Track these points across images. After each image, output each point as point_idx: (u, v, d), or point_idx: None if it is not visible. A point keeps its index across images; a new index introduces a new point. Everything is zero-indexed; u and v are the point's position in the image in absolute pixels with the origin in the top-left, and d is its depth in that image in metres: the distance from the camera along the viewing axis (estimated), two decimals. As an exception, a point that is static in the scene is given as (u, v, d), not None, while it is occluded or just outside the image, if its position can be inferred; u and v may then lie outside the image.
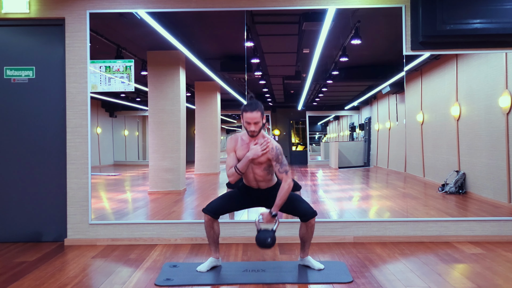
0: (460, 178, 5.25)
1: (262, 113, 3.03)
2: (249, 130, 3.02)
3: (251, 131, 3.01)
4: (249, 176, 3.12)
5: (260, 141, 3.06)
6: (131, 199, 5.96)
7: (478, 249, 3.72)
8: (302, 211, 3.12)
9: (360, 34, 4.82)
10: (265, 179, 3.12)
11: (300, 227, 3.19)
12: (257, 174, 3.10)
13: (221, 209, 3.15)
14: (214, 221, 3.14)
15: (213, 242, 3.20)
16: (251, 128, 3.00)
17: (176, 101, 5.53)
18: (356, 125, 8.25)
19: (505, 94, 4.60)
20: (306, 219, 3.11)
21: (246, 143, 3.09)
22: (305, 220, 3.12)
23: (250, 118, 2.97)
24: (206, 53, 5.75)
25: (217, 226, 3.18)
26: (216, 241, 3.22)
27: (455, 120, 5.42)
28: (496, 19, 3.81)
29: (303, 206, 3.14)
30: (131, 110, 6.91)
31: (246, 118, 2.99)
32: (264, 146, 3.02)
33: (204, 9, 4.10)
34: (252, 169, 3.08)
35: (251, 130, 3.01)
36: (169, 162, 5.50)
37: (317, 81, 6.80)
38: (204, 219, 3.14)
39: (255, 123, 2.99)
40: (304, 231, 3.16)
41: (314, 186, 7.24)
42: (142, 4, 4.10)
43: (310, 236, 3.19)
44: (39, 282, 2.99)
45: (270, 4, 4.07)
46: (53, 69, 4.18)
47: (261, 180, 3.13)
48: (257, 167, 3.08)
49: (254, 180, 3.14)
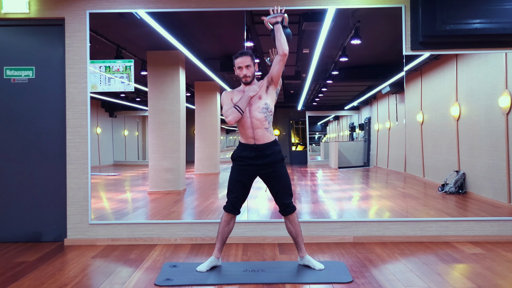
0: (460, 178, 5.25)
1: (252, 58, 3.11)
2: (242, 75, 3.09)
3: (244, 75, 3.08)
4: (247, 122, 3.09)
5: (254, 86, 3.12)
6: (131, 199, 5.96)
7: (478, 249, 3.72)
8: (281, 200, 3.14)
9: (360, 34, 4.82)
10: (262, 125, 3.08)
11: (285, 223, 3.22)
12: (254, 117, 3.07)
13: (239, 202, 3.17)
14: (232, 218, 3.19)
15: (221, 240, 3.22)
16: (244, 72, 3.08)
17: (176, 101, 5.53)
18: (356, 125, 8.25)
19: (505, 94, 4.60)
20: (284, 212, 3.15)
21: (241, 91, 3.14)
22: (283, 213, 3.16)
23: (241, 62, 3.06)
24: (206, 53, 5.75)
25: (233, 223, 3.22)
26: (225, 240, 3.24)
27: (455, 120, 5.42)
28: (496, 19, 3.81)
29: (285, 196, 3.14)
30: (131, 110, 6.91)
31: (237, 63, 3.08)
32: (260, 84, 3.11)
33: (204, 9, 4.10)
34: (250, 113, 3.08)
35: (244, 75, 3.08)
36: (169, 162, 5.50)
37: (317, 81, 6.80)
38: (223, 217, 3.18)
39: (247, 66, 3.07)
40: (289, 226, 3.20)
41: (314, 186, 7.25)
42: (142, 4, 4.10)
43: (298, 231, 3.20)
44: (39, 282, 2.99)
45: (270, 4, 4.06)
46: (53, 69, 4.18)
47: (258, 127, 3.08)
48: (256, 110, 3.08)
49: (251, 128, 3.09)
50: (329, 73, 6.39)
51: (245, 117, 3.09)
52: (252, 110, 3.09)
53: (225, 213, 3.18)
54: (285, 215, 3.18)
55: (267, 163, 3.12)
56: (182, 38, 5.12)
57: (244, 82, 3.14)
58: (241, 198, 3.19)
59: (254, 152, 3.12)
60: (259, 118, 3.08)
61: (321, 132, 9.74)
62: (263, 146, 3.12)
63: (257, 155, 3.12)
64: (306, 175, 8.15)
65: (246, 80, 3.11)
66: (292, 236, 3.24)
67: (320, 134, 9.71)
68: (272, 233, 4.04)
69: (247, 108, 3.08)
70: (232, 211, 3.16)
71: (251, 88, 3.10)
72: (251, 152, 3.12)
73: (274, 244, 3.96)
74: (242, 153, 3.16)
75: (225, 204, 3.19)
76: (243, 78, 3.11)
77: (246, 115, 3.09)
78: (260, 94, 3.11)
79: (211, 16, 4.33)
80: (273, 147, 3.14)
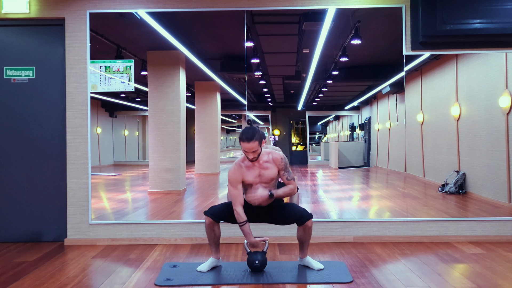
0: (460, 178, 5.25)
1: (259, 140, 3.05)
2: (248, 157, 3.08)
3: (250, 159, 3.08)
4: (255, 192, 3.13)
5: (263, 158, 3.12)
6: (131, 199, 5.96)
7: (478, 249, 3.72)
8: (297, 215, 3.13)
9: (360, 34, 4.82)
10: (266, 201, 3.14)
11: (297, 230, 3.20)
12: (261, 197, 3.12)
13: (222, 215, 3.17)
14: (214, 224, 3.15)
15: (213, 244, 3.21)
16: (250, 156, 3.06)
17: (176, 101, 5.53)
18: (356, 125, 8.24)
19: (505, 94, 4.59)
20: (302, 222, 3.11)
21: (251, 165, 3.14)
22: (301, 223, 3.12)
23: (248, 148, 3.02)
24: (206, 53, 5.75)
25: (218, 229, 3.19)
26: (217, 243, 3.23)
27: (455, 120, 5.42)
28: (496, 19, 3.81)
29: (297, 209, 3.16)
30: (131, 110, 6.90)
31: (243, 147, 3.04)
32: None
33: (204, 9, 4.10)
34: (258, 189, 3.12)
35: (250, 158, 3.07)
36: (169, 162, 5.50)
37: (317, 81, 6.80)
38: (205, 222, 3.15)
39: (253, 151, 3.03)
40: (302, 234, 3.17)
41: (314, 186, 7.24)
42: (142, 4, 4.10)
43: (308, 238, 3.19)
44: (39, 282, 2.99)
45: (270, 4, 4.07)
46: (53, 69, 4.18)
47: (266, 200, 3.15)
48: (268, 185, 3.14)
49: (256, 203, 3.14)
50: (329, 73, 6.39)
51: (254, 189, 3.14)
52: (263, 187, 3.13)
53: (206, 217, 3.15)
54: (302, 224, 3.14)
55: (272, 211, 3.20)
56: (182, 38, 5.11)
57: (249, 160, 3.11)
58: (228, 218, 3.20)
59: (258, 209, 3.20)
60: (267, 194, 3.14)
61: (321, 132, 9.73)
62: (267, 207, 3.20)
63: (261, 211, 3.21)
64: (306, 175, 8.15)
65: (250, 160, 3.09)
66: (301, 241, 3.22)
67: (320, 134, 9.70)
68: (272, 233, 4.04)
69: (259, 184, 3.13)
70: (212, 217, 3.13)
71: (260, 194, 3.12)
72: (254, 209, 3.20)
73: (274, 244, 3.96)
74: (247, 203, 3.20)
75: (209, 209, 3.18)
76: (248, 158, 3.09)
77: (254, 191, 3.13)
78: (273, 177, 3.14)
79: (211, 16, 4.33)
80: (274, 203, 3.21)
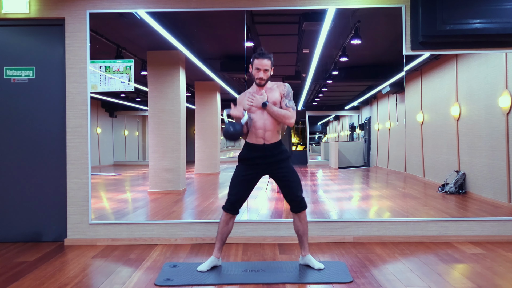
0: (460, 178, 5.25)
1: (272, 62, 3.08)
2: (257, 77, 3.07)
3: (259, 78, 3.06)
4: (259, 123, 3.11)
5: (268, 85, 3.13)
6: (131, 199, 5.96)
7: (478, 249, 3.72)
8: (293, 197, 3.14)
9: (360, 34, 4.82)
10: (273, 128, 3.13)
11: (293, 221, 3.22)
12: (268, 120, 3.11)
13: (239, 201, 3.17)
14: (231, 218, 3.18)
15: (220, 240, 3.22)
16: (260, 75, 3.05)
17: (176, 101, 5.53)
18: (356, 125, 8.24)
19: (505, 94, 4.60)
20: (296, 210, 3.14)
21: (256, 92, 3.14)
22: (294, 210, 3.15)
23: (261, 64, 3.02)
24: (206, 53, 5.75)
25: (232, 224, 3.21)
26: (224, 239, 3.23)
27: (455, 120, 5.42)
28: (496, 19, 3.81)
29: (297, 194, 3.15)
30: (131, 110, 6.91)
31: (256, 64, 3.03)
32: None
33: (204, 9, 4.10)
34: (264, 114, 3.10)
35: (259, 77, 3.06)
36: (169, 162, 5.50)
37: (317, 81, 6.80)
38: (223, 217, 3.17)
39: (265, 70, 3.04)
40: (298, 224, 3.19)
41: (314, 186, 7.24)
42: (142, 4, 4.10)
43: (305, 229, 3.21)
44: (39, 282, 2.99)
45: (270, 4, 4.07)
46: (53, 69, 4.18)
47: (270, 129, 3.12)
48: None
49: (263, 129, 3.12)
50: (329, 73, 6.39)
51: (258, 118, 3.11)
52: (267, 114, 3.11)
53: (224, 213, 3.17)
54: (297, 212, 3.16)
55: (276, 161, 3.14)
56: (182, 38, 5.11)
57: (258, 84, 3.12)
58: (242, 197, 3.18)
59: (263, 152, 3.14)
60: (272, 121, 3.12)
61: (321, 132, 9.73)
62: (272, 146, 3.15)
63: (266, 155, 3.14)
64: (306, 175, 8.15)
65: (260, 82, 3.10)
66: (299, 234, 3.23)
67: (320, 134, 9.70)
68: (272, 233, 4.04)
69: (262, 111, 3.10)
70: (231, 210, 3.15)
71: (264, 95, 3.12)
72: (260, 152, 3.14)
73: (274, 244, 3.96)
74: (250, 153, 3.16)
75: (225, 203, 3.18)
76: (258, 80, 3.10)
77: (259, 116, 3.11)
78: (275, 101, 3.12)
79: (211, 16, 4.33)
80: (281, 146, 3.19)
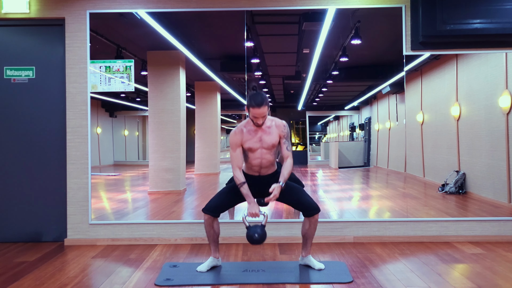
0: (460, 178, 5.25)
1: (268, 105, 3.06)
2: (256, 122, 3.06)
3: (258, 124, 3.06)
4: (255, 161, 3.11)
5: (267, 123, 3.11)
6: (131, 199, 5.96)
7: (478, 249, 3.72)
8: (306, 204, 3.13)
9: (360, 34, 4.82)
10: (270, 164, 3.14)
11: (303, 224, 3.20)
12: (265, 159, 3.11)
13: (220, 207, 3.15)
14: (214, 220, 3.14)
15: (213, 242, 3.20)
16: (259, 122, 3.05)
17: (176, 101, 5.53)
18: (356, 125, 8.23)
19: (505, 94, 4.60)
20: (310, 214, 3.12)
21: (253, 130, 3.11)
22: (308, 215, 3.12)
23: (258, 113, 3.00)
24: (206, 53, 5.75)
25: (217, 226, 3.18)
26: (216, 241, 3.22)
27: (455, 120, 5.42)
28: (496, 19, 3.81)
29: (308, 200, 3.15)
30: (131, 110, 6.91)
31: (253, 113, 3.01)
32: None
33: (204, 9, 4.10)
34: (261, 154, 3.10)
35: (258, 124, 3.06)
36: (169, 162, 5.50)
37: (317, 81, 6.80)
38: (204, 219, 3.14)
39: (263, 117, 3.04)
40: (307, 227, 3.17)
41: (314, 186, 7.24)
42: (142, 4, 4.10)
43: (313, 232, 3.19)
44: (39, 282, 2.99)
45: (270, 4, 4.07)
46: (53, 69, 4.18)
47: (266, 166, 3.14)
48: (268, 152, 3.11)
49: (259, 166, 3.13)
50: (329, 73, 6.39)
51: (255, 157, 3.11)
52: (265, 152, 3.11)
53: (204, 215, 3.13)
54: (309, 216, 3.14)
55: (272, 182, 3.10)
56: (182, 38, 5.11)
57: (256, 125, 3.09)
58: (224, 205, 3.18)
59: (259, 181, 3.17)
60: (269, 159, 3.13)
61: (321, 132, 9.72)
62: (267, 176, 3.18)
63: (261, 183, 3.16)
64: (306, 175, 8.14)
65: (258, 125, 3.08)
66: (305, 237, 3.21)
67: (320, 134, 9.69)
68: (272, 233, 4.04)
69: (259, 149, 3.09)
70: (211, 212, 3.11)
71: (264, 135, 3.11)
72: (255, 181, 3.16)
73: (274, 244, 3.96)
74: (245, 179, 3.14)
75: (205, 205, 3.15)
76: (256, 123, 3.07)
77: (256, 155, 3.11)
78: (274, 143, 3.11)
79: (211, 16, 4.33)
80: (277, 175, 3.16)
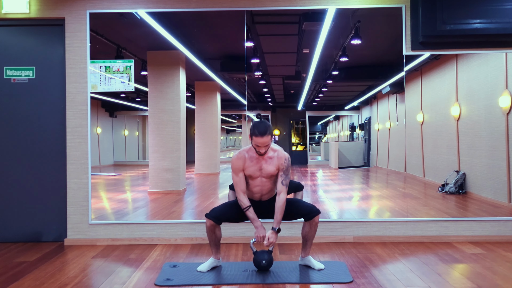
0: (460, 178, 5.25)
1: (272, 134, 3.06)
2: (258, 151, 3.06)
3: (260, 152, 3.07)
4: (256, 189, 3.16)
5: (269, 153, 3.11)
6: (131, 199, 5.96)
7: (478, 249, 3.72)
8: (305, 210, 3.14)
9: (360, 34, 4.82)
10: (270, 191, 3.19)
11: (303, 226, 3.21)
12: (265, 187, 3.16)
13: (224, 217, 3.18)
14: (216, 227, 3.15)
15: (214, 245, 3.22)
16: (261, 151, 3.06)
17: (176, 101, 5.53)
18: (356, 125, 8.23)
19: (505, 94, 4.59)
20: (310, 217, 3.13)
21: (255, 158, 3.12)
22: (309, 218, 3.13)
23: (262, 142, 3.01)
24: (206, 53, 5.75)
25: (219, 231, 3.20)
26: (218, 244, 3.23)
27: (455, 120, 5.42)
28: (496, 19, 3.81)
29: (306, 205, 3.17)
30: (131, 110, 6.90)
31: (256, 142, 3.01)
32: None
33: (204, 9, 4.10)
34: (261, 182, 3.14)
35: (260, 152, 3.06)
36: (169, 162, 5.50)
37: (317, 81, 6.79)
38: (206, 224, 3.14)
39: (266, 146, 3.04)
40: (308, 230, 3.18)
41: (314, 186, 7.24)
42: (142, 4, 4.10)
43: (313, 234, 3.20)
44: (39, 282, 2.99)
45: (270, 4, 4.07)
46: (53, 69, 4.18)
47: (266, 193, 3.19)
48: (268, 181, 3.15)
49: (260, 193, 3.18)
50: (329, 73, 6.39)
51: (255, 184, 3.16)
52: (265, 181, 3.14)
53: (207, 219, 3.13)
54: (309, 219, 3.15)
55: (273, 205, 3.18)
56: (182, 38, 5.11)
57: (258, 154, 3.10)
58: (228, 217, 3.21)
59: (259, 204, 3.22)
60: (270, 187, 3.18)
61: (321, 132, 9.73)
62: (267, 201, 3.23)
63: (261, 205, 3.22)
64: (306, 175, 8.14)
65: (260, 154, 3.09)
66: (305, 239, 3.22)
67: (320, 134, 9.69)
68: (272, 233, 4.03)
69: (260, 178, 3.13)
70: (214, 219, 3.11)
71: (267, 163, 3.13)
72: (255, 203, 3.21)
73: (275, 244, 3.95)
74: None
75: (210, 212, 3.16)
76: (258, 152, 3.08)
77: (257, 183, 3.15)
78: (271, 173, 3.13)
79: (211, 16, 4.33)
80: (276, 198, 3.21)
